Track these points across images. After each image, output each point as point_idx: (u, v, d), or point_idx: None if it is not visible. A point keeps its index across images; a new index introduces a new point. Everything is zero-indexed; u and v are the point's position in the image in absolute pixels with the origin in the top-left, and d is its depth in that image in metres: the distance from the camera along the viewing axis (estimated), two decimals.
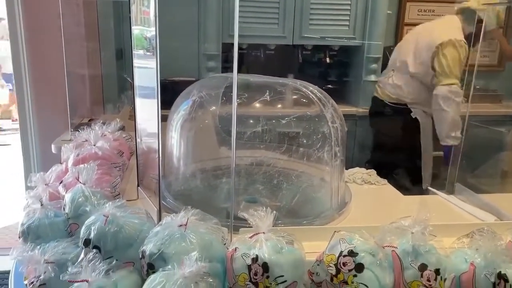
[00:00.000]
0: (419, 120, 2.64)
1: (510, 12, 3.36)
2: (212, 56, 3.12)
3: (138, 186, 1.50)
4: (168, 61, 1.37)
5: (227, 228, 1.14)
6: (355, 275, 0.96)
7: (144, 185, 1.48)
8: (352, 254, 0.97)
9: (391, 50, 2.97)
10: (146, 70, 1.30)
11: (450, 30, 2.50)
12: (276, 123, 1.50)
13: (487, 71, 3.65)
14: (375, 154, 2.93)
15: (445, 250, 1.06)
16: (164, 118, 1.31)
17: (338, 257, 0.98)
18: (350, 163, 1.80)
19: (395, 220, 1.06)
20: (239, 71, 1.22)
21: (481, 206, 1.50)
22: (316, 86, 1.54)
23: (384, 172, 1.86)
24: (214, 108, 1.53)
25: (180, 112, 1.55)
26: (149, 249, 0.98)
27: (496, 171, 2.56)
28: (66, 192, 1.27)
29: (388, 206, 1.58)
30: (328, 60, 3.40)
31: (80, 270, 0.96)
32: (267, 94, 1.47)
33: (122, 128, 1.81)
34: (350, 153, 2.83)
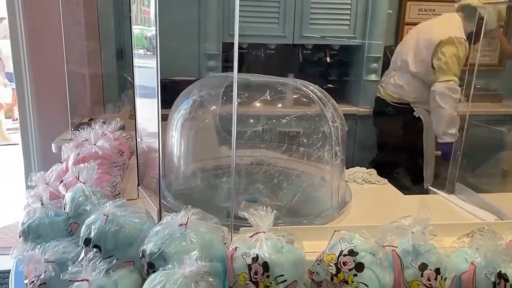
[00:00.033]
0: (422, 119, 2.64)
1: (511, 11, 3.36)
2: (212, 55, 3.11)
3: (138, 185, 1.50)
4: (168, 60, 1.37)
5: (228, 227, 1.14)
6: (355, 275, 0.96)
7: (144, 184, 1.48)
8: (352, 253, 0.97)
9: (392, 50, 2.97)
10: (146, 70, 1.30)
11: (450, 28, 2.50)
12: (276, 123, 1.49)
13: (488, 71, 3.65)
14: (379, 154, 2.93)
15: (445, 249, 1.05)
16: (164, 118, 1.31)
17: (339, 256, 0.98)
18: (351, 163, 1.80)
19: (396, 219, 1.05)
20: (240, 71, 1.22)
21: (481, 205, 1.49)
22: (316, 86, 1.54)
23: (386, 171, 1.86)
24: (214, 107, 1.52)
25: (180, 111, 1.54)
26: (149, 248, 0.98)
27: (496, 171, 2.56)
28: (66, 191, 1.27)
29: (388, 206, 1.58)
30: (328, 59, 3.39)
31: (80, 269, 0.96)
32: (268, 93, 1.46)
33: (123, 127, 1.81)
34: (351, 152, 2.82)
